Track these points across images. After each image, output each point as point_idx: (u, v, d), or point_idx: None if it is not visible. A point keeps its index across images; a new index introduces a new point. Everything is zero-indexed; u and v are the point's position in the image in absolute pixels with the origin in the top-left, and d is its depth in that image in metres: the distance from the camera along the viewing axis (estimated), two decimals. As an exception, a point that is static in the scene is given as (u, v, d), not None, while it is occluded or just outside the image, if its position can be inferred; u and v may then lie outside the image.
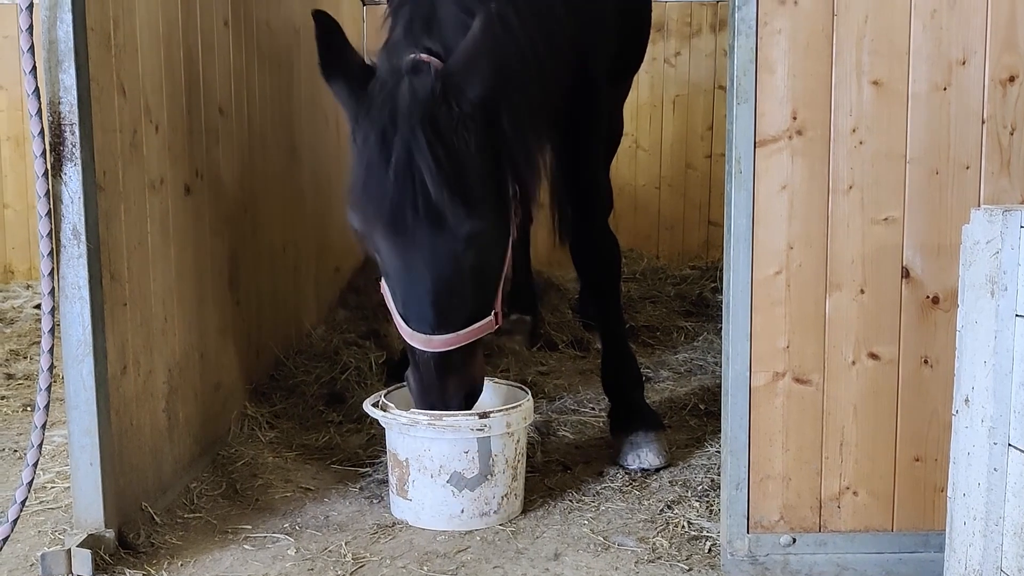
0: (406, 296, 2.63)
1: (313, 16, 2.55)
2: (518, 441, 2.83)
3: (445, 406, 2.73)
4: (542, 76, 2.85)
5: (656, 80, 6.79)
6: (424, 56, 2.58)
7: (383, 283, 2.77)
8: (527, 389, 3.02)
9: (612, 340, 3.42)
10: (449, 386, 2.72)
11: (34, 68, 2.33)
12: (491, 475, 2.76)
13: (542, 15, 2.86)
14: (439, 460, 2.73)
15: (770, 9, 2.31)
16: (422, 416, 2.73)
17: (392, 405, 2.84)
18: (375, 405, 2.89)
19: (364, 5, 6.59)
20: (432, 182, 2.41)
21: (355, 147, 2.56)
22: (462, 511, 2.75)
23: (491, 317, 2.73)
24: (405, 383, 3.11)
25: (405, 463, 2.78)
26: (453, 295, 2.61)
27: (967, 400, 1.97)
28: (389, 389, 3.04)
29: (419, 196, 2.43)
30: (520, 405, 2.83)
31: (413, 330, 2.63)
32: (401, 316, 2.66)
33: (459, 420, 2.71)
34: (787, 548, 2.45)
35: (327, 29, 2.58)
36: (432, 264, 2.53)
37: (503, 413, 2.75)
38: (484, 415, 2.72)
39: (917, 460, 2.43)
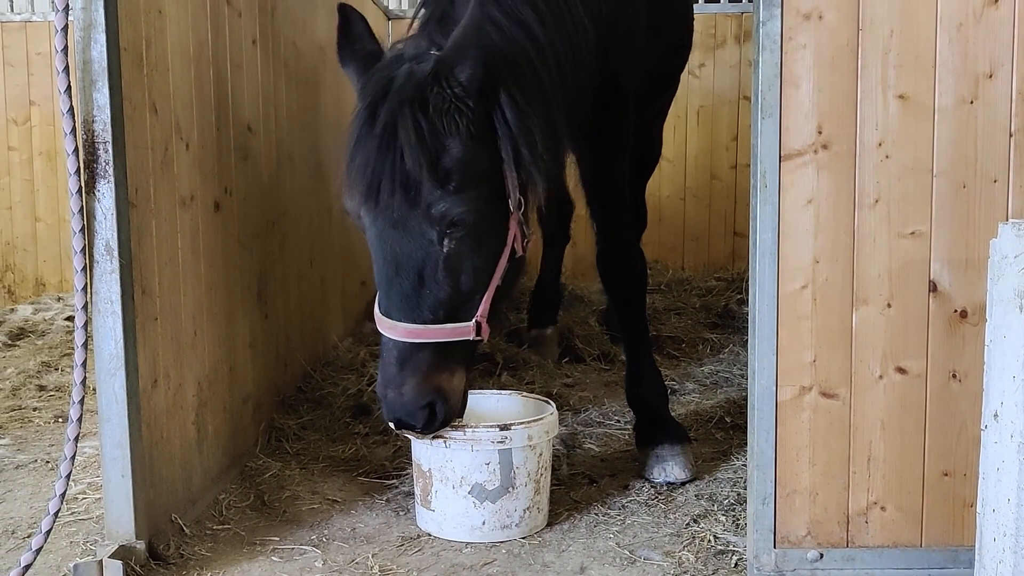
0: (378, 275, 2.61)
1: (338, 9, 2.64)
2: (540, 454, 2.83)
3: (402, 408, 2.59)
4: (564, 84, 2.84)
5: (681, 91, 6.71)
6: (433, 52, 2.62)
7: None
8: (552, 402, 3.03)
9: (636, 354, 3.42)
10: (407, 386, 2.58)
11: (68, 87, 2.38)
12: (513, 487, 2.76)
13: (564, 26, 2.87)
14: (461, 471, 2.75)
15: (795, 24, 2.32)
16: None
17: None
18: None
19: (388, 20, 6.64)
20: (409, 153, 2.42)
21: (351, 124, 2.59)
22: (484, 523, 2.76)
23: (470, 324, 2.60)
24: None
25: (428, 473, 2.80)
26: (424, 282, 2.54)
27: (996, 415, 1.95)
28: None
29: (396, 167, 2.44)
30: (542, 418, 2.83)
31: (380, 313, 2.59)
32: (377, 295, 2.63)
33: (480, 432, 2.72)
34: (814, 563, 2.44)
35: (349, 20, 2.68)
36: (402, 241, 2.50)
37: (524, 426, 2.76)
38: (505, 427, 2.74)
39: (946, 475, 2.41)
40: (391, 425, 2.69)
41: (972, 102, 2.33)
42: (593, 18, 3.00)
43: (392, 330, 2.58)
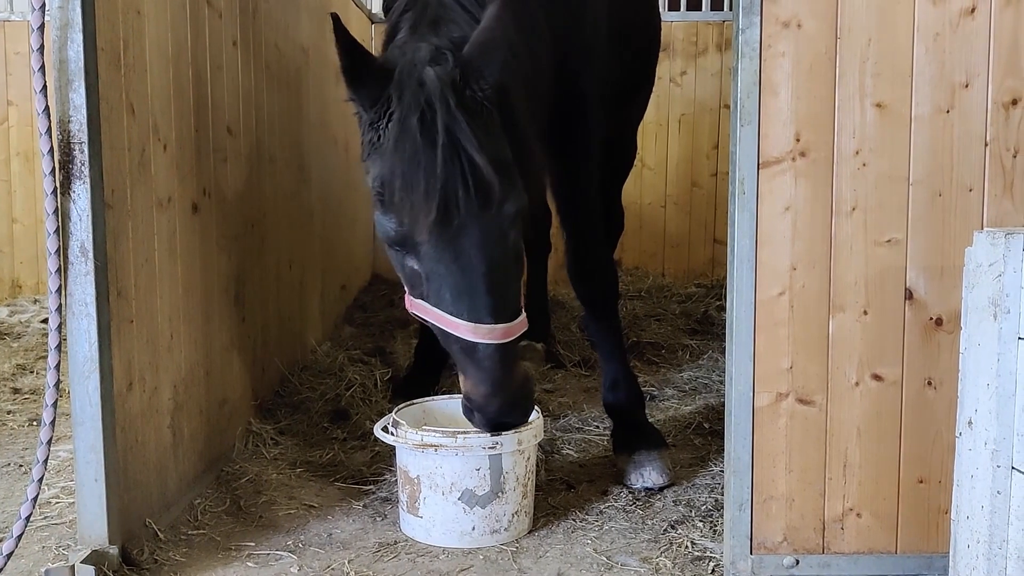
0: (459, 288, 2.49)
1: (332, 18, 2.49)
2: (528, 459, 2.83)
3: (521, 405, 2.68)
4: (531, 88, 2.87)
5: (662, 99, 6.81)
6: (445, 52, 2.58)
7: (416, 301, 2.64)
8: (536, 407, 3.02)
9: (611, 360, 3.42)
10: (517, 379, 2.63)
11: (45, 87, 2.35)
12: (502, 492, 2.76)
13: (527, 35, 2.89)
14: (451, 477, 2.74)
15: (774, 32, 2.33)
16: (435, 433, 2.74)
17: (404, 423, 2.85)
18: (386, 426, 2.90)
19: (372, 23, 6.64)
20: (480, 159, 2.40)
21: (382, 146, 2.50)
22: (473, 528, 2.76)
23: (524, 314, 2.65)
24: (412, 402, 3.13)
25: (416, 480, 2.78)
26: (507, 279, 2.55)
27: (970, 422, 1.97)
28: (399, 407, 3.05)
29: (468, 175, 2.40)
30: (532, 423, 2.83)
31: (474, 323, 2.49)
32: (453, 314, 2.51)
33: (471, 438, 2.72)
34: (790, 569, 2.45)
35: (347, 32, 2.50)
36: (486, 246, 2.47)
37: (515, 431, 2.76)
38: (496, 432, 2.73)
39: (921, 482, 2.43)
40: (491, 430, 2.69)
41: (948, 111, 2.35)
42: (552, 27, 3.01)
43: (492, 334, 2.52)
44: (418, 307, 2.64)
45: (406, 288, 2.71)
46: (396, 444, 2.82)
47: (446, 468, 2.74)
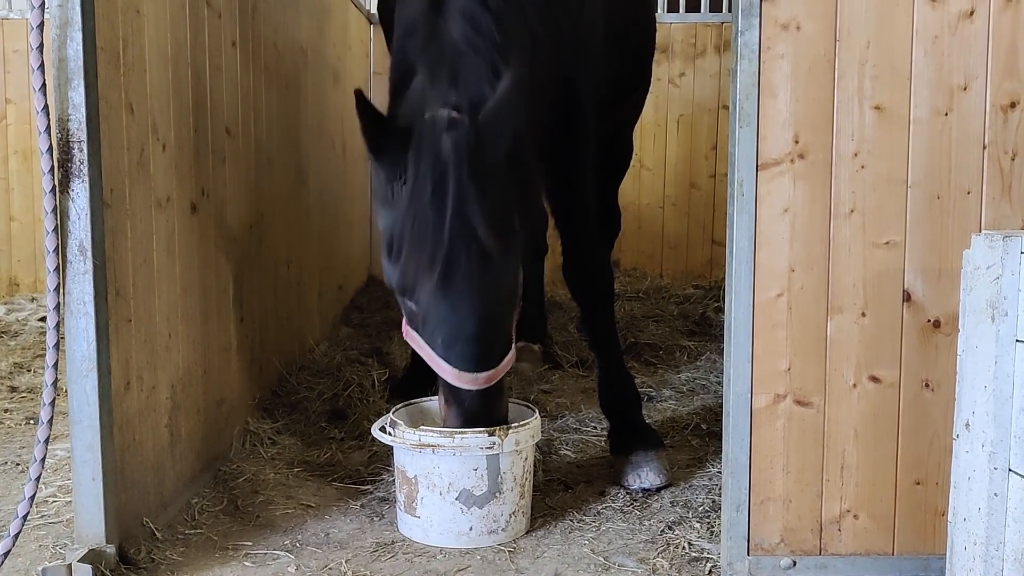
0: (450, 336, 2.66)
1: (355, 95, 2.64)
2: (526, 459, 2.83)
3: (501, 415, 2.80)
4: (531, 106, 2.91)
5: (660, 100, 6.81)
6: (455, 114, 2.66)
7: (412, 333, 2.77)
8: (533, 407, 3.03)
9: (608, 361, 3.43)
10: (494, 417, 2.78)
11: (44, 86, 2.35)
12: (500, 493, 2.76)
13: (524, 46, 2.91)
14: (448, 477, 2.74)
15: (773, 34, 2.33)
16: (433, 433, 2.74)
17: (401, 423, 2.85)
18: (383, 426, 2.90)
19: (371, 24, 6.63)
20: (484, 230, 2.56)
21: (395, 204, 2.65)
22: (471, 528, 2.76)
23: (513, 349, 2.80)
24: (410, 402, 3.14)
25: (414, 480, 2.78)
26: (496, 329, 2.70)
27: (968, 424, 1.97)
28: (396, 407, 3.05)
29: (472, 244, 2.56)
30: (529, 423, 2.83)
31: (460, 370, 2.67)
32: (442, 356, 2.68)
33: (469, 438, 2.72)
34: (787, 571, 2.45)
35: (369, 104, 2.66)
36: (481, 302, 2.63)
37: (513, 431, 2.76)
38: (493, 432, 2.73)
39: (918, 484, 2.43)
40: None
41: (947, 114, 2.36)
42: (550, 32, 3.03)
43: (475, 382, 2.69)
44: (412, 337, 2.79)
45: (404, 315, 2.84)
46: (394, 444, 2.82)
47: (443, 468, 2.74)
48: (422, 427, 2.81)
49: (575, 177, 3.34)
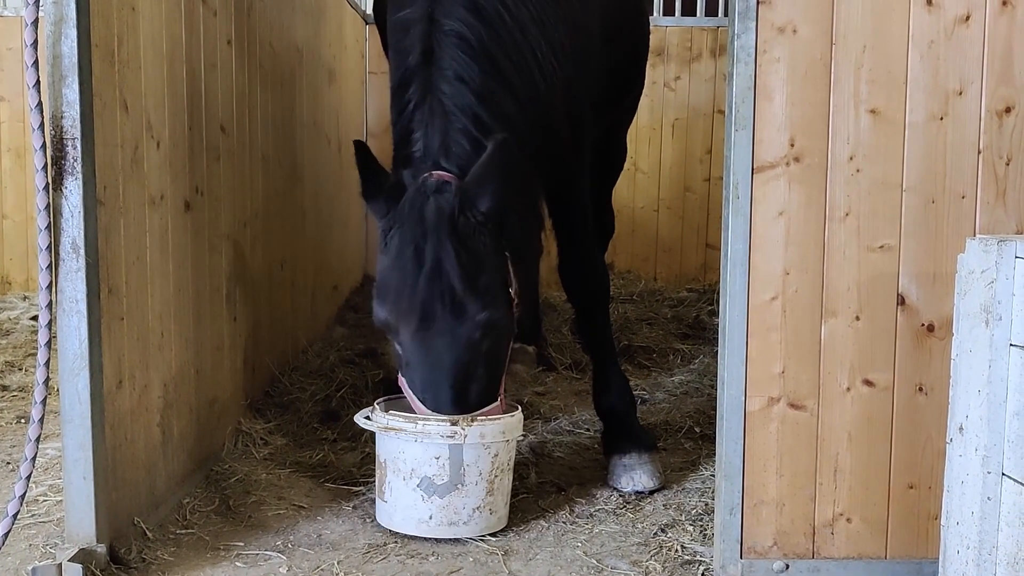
0: (426, 382, 2.80)
1: (354, 145, 2.84)
2: (496, 455, 2.82)
3: None
4: (531, 128, 2.99)
5: (656, 104, 6.82)
6: (446, 176, 2.82)
7: (400, 373, 2.91)
8: (518, 406, 3.03)
9: (602, 363, 3.43)
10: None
11: (38, 82, 2.34)
12: (462, 485, 2.76)
13: (527, 65, 2.98)
14: (411, 463, 2.77)
15: (769, 37, 2.33)
16: (399, 418, 2.77)
17: (379, 408, 2.89)
18: (368, 414, 2.92)
19: (367, 24, 6.63)
20: (458, 283, 2.72)
21: (387, 253, 2.85)
22: (430, 517, 2.77)
23: (497, 402, 2.87)
24: (400, 396, 3.14)
25: (384, 464, 2.83)
26: (469, 379, 2.80)
27: (961, 428, 1.97)
28: (386, 398, 3.05)
29: (446, 295, 2.72)
30: (498, 418, 2.83)
31: (429, 409, 2.79)
32: (420, 399, 2.81)
33: (431, 425, 2.74)
34: (780, 574, 2.45)
35: (368, 157, 2.84)
36: (455, 350, 2.75)
37: (478, 423, 2.75)
38: (455, 422, 2.73)
39: (911, 487, 2.43)
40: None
41: (942, 118, 2.36)
42: (548, 37, 3.05)
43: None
44: (400, 379, 2.92)
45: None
46: (368, 428, 2.88)
47: (407, 453, 2.77)
48: (391, 411, 2.83)
49: (571, 177, 3.34)
